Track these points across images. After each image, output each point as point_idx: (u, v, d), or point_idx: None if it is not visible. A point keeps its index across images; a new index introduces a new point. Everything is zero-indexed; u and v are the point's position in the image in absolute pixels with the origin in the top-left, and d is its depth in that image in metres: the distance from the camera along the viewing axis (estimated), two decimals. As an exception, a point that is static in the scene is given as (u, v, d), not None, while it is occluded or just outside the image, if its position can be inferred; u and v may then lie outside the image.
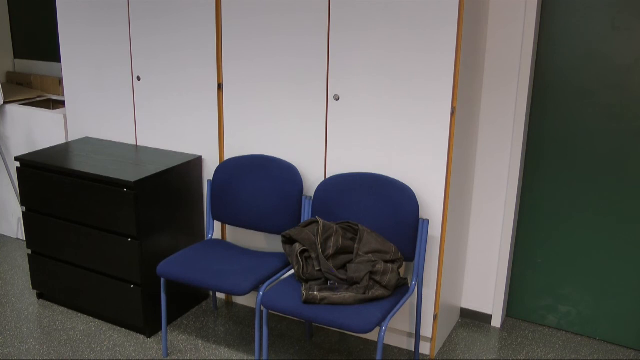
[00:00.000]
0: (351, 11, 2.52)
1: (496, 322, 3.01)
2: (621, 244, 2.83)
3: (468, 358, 2.75)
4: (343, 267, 2.41)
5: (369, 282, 2.32)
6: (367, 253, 2.41)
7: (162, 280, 2.66)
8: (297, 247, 2.43)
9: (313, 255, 2.43)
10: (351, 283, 2.33)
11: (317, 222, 2.48)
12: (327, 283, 2.38)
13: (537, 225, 2.96)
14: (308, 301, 2.27)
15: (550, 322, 3.03)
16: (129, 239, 2.76)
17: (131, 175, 2.75)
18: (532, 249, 2.98)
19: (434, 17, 2.35)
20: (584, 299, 2.93)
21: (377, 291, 2.31)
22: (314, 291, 2.28)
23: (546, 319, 3.03)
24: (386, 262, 2.38)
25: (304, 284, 2.35)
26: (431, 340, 2.73)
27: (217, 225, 3.08)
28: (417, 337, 2.67)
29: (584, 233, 2.90)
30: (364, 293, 2.29)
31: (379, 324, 2.23)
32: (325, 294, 2.27)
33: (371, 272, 2.33)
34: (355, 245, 2.42)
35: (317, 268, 2.40)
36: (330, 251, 2.40)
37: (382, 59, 2.50)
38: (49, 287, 3.15)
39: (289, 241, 2.52)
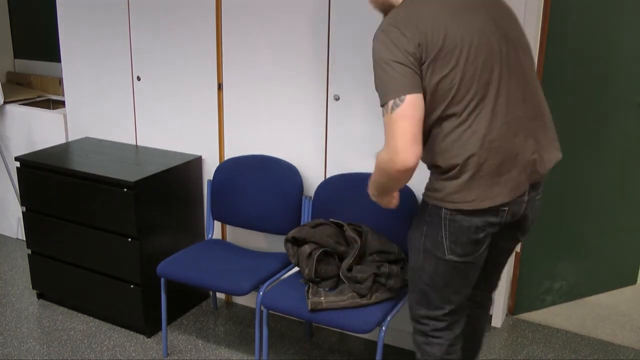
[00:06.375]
0: (351, 11, 2.52)
1: (496, 322, 3.01)
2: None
3: (468, 358, 2.75)
4: (350, 269, 2.39)
5: (373, 284, 2.30)
6: (371, 254, 2.41)
7: (162, 280, 2.66)
8: (307, 248, 2.41)
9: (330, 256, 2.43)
10: (355, 281, 2.32)
11: (328, 224, 2.49)
12: (338, 285, 2.37)
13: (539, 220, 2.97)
14: (314, 309, 2.24)
15: (548, 303, 3.10)
16: (129, 239, 2.76)
17: (131, 175, 2.75)
18: (534, 245, 2.99)
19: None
20: (570, 270, 3.07)
21: (382, 294, 2.30)
22: (320, 296, 2.27)
23: (545, 302, 3.08)
24: (390, 262, 2.38)
25: (310, 287, 2.33)
26: (431, 340, 2.72)
27: (217, 225, 3.08)
28: (417, 337, 2.67)
29: (582, 226, 2.93)
30: (367, 293, 2.28)
31: (379, 324, 2.23)
32: (331, 298, 2.26)
33: (376, 274, 2.32)
34: (363, 247, 2.42)
35: (333, 267, 2.40)
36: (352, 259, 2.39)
37: (382, 59, 2.49)
38: (49, 287, 3.15)
39: (295, 242, 2.50)
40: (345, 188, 2.65)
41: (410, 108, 1.66)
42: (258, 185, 2.83)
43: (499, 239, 1.93)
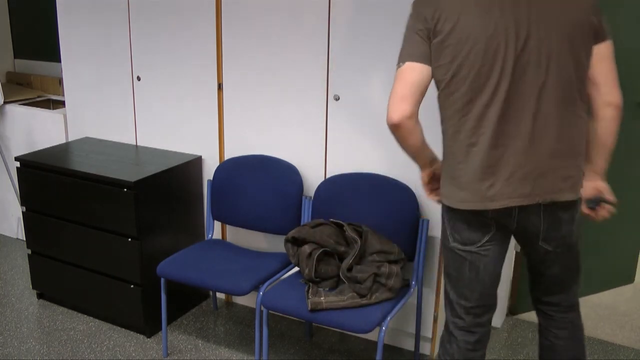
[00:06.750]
0: (351, 11, 2.52)
1: (496, 322, 3.01)
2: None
3: (468, 358, 2.75)
4: (350, 269, 2.40)
5: (373, 285, 2.30)
6: (371, 254, 2.41)
7: (162, 280, 2.66)
8: (307, 248, 2.42)
9: (330, 256, 2.42)
10: (355, 281, 2.32)
11: (328, 224, 2.49)
12: (338, 285, 2.37)
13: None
14: (314, 309, 2.25)
15: None
16: (129, 239, 2.76)
17: (131, 175, 2.75)
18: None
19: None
20: None
21: (382, 294, 2.30)
22: (320, 296, 2.27)
23: None
24: (390, 262, 2.38)
25: (310, 287, 2.33)
26: (431, 340, 2.73)
27: (217, 225, 3.08)
28: (417, 337, 2.67)
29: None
30: (367, 293, 2.28)
31: (379, 324, 2.23)
32: (331, 298, 2.26)
33: (376, 274, 2.32)
34: (363, 247, 2.42)
35: (333, 267, 2.40)
36: (352, 258, 2.39)
37: (383, 58, 2.49)
38: (49, 287, 3.15)
39: (295, 242, 2.50)
40: (345, 188, 2.65)
41: (406, 71, 1.75)
42: (258, 185, 2.83)
43: (524, 245, 1.93)
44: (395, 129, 1.79)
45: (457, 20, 1.68)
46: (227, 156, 2.98)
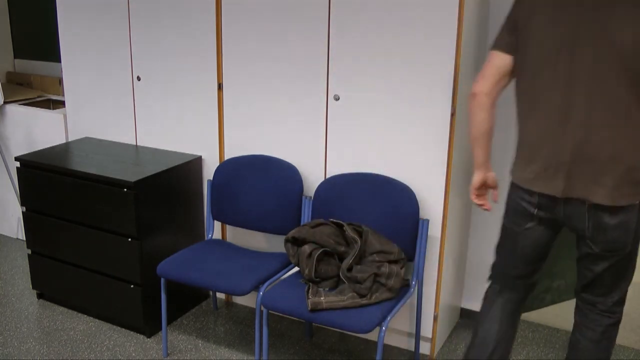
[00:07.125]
0: (351, 10, 2.52)
1: (496, 322, 3.01)
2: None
3: (468, 358, 2.75)
4: (349, 269, 2.40)
5: (373, 285, 2.31)
6: (371, 254, 2.41)
7: (162, 280, 2.66)
8: (307, 248, 2.42)
9: (330, 256, 2.42)
10: (355, 281, 2.32)
11: (328, 224, 2.49)
12: (338, 285, 2.37)
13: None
14: (314, 309, 2.25)
15: (547, 302, 3.09)
16: (129, 239, 2.76)
17: (131, 175, 2.75)
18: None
19: (434, 18, 2.35)
20: (568, 268, 3.06)
21: (382, 294, 2.31)
22: (321, 296, 2.27)
23: (544, 301, 3.07)
24: (390, 262, 2.38)
25: (310, 287, 2.33)
26: (431, 340, 2.73)
27: (217, 225, 3.08)
28: (417, 337, 2.67)
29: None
30: (367, 294, 2.29)
31: (379, 324, 2.23)
32: (331, 298, 2.26)
33: (376, 274, 2.32)
34: (363, 247, 2.42)
35: (333, 267, 2.40)
36: (352, 258, 2.39)
37: (383, 59, 2.50)
38: (49, 287, 3.15)
39: (295, 242, 2.50)
40: (345, 188, 2.65)
41: (491, 55, 2.03)
42: (258, 185, 2.83)
43: (576, 238, 2.04)
44: (472, 97, 2.03)
45: (532, 21, 1.89)
46: (227, 156, 2.98)
